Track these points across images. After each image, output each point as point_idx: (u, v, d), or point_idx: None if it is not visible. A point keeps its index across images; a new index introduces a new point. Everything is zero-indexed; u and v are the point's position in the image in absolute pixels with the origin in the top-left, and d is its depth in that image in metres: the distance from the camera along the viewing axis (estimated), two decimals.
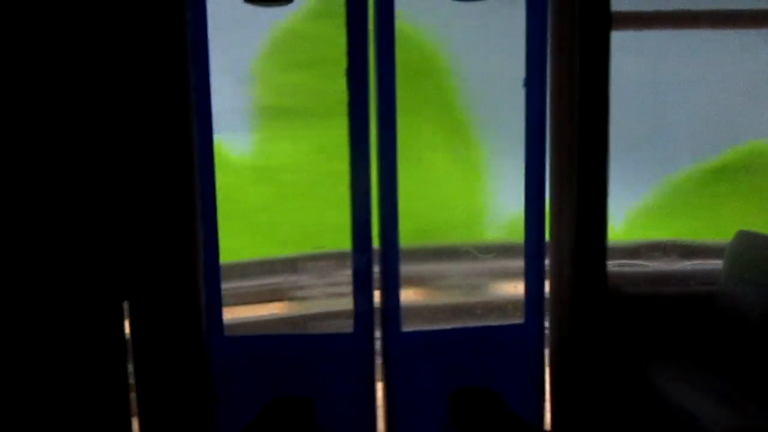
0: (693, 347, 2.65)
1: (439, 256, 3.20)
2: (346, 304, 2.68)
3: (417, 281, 3.08)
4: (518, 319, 2.75)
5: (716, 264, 2.84)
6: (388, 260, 2.62)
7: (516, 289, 2.78)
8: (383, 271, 2.63)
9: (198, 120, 2.47)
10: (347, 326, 2.66)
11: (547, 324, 2.74)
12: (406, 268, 2.68)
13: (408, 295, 2.86)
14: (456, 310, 3.16)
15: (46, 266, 2.25)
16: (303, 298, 3.12)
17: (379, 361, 2.71)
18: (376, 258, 2.64)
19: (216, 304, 2.58)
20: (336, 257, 2.94)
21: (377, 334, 2.69)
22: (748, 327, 2.44)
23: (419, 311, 3.04)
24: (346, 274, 2.68)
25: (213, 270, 2.57)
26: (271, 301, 3.20)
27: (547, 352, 2.74)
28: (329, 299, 3.03)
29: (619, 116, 2.58)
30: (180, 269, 2.43)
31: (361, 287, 2.62)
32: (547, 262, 2.70)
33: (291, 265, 3.12)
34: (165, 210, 2.36)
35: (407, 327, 2.67)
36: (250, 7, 2.57)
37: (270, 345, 2.64)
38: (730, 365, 2.48)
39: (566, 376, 2.61)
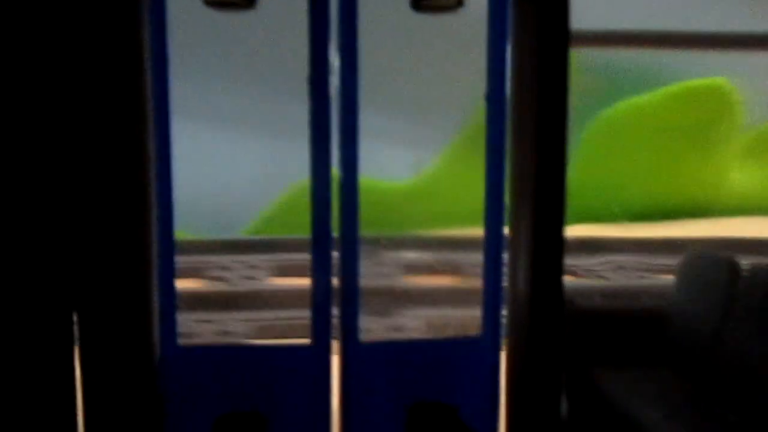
0: (646, 362, 2.70)
1: None
2: None
3: None
4: (476, 333, 2.76)
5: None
6: (347, 271, 2.60)
7: None
8: (342, 283, 2.61)
9: (156, 123, 2.41)
10: (305, 338, 2.63)
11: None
12: None
13: None
14: None
15: None
16: None
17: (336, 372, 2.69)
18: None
19: (170, 313, 2.52)
20: None
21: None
22: (698, 342, 2.50)
23: None
24: None
25: (167, 277, 2.51)
26: None
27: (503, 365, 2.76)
28: None
29: None
30: (133, 276, 2.36)
31: (320, 298, 2.60)
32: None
33: None
34: (117, 214, 2.29)
35: (366, 339, 2.66)
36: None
37: (225, 355, 2.59)
38: (681, 379, 2.54)
39: (521, 390, 2.63)
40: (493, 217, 2.69)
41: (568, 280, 2.63)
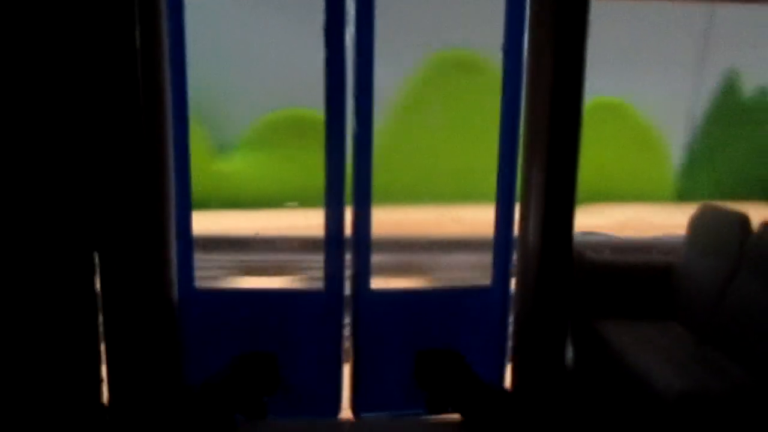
0: (654, 315, 2.73)
1: None
2: None
3: None
4: (486, 282, 2.81)
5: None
6: (360, 220, 2.64)
7: None
8: (355, 231, 2.65)
9: (172, 71, 2.44)
10: (318, 283, 2.69)
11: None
12: None
13: None
14: None
15: (18, 217, 2.23)
16: None
17: (347, 318, 2.76)
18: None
19: (187, 257, 2.59)
20: None
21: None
22: (706, 296, 2.52)
23: None
24: None
25: (184, 222, 2.57)
26: None
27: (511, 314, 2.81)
28: None
29: None
30: (151, 221, 2.42)
31: (333, 246, 2.65)
32: None
33: None
34: (136, 161, 2.34)
35: (377, 286, 2.72)
36: None
37: (240, 299, 2.66)
38: (687, 333, 2.57)
39: (528, 338, 2.68)
40: (505, 169, 2.71)
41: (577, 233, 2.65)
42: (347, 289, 2.70)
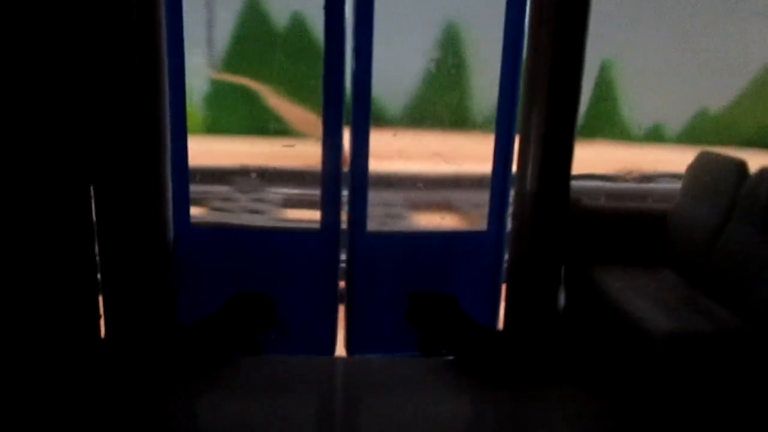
0: (648, 262, 2.74)
1: None
2: None
3: None
4: (481, 227, 2.82)
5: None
6: (358, 161, 2.64)
7: None
8: (353, 173, 2.66)
9: (167, 8, 2.43)
10: (314, 224, 2.70)
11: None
12: None
13: None
14: None
15: (14, 149, 2.24)
16: None
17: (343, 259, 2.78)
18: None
19: (183, 192, 2.60)
20: None
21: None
22: (698, 242, 2.53)
23: None
24: None
25: (181, 157, 2.57)
26: None
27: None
28: None
29: None
30: (147, 155, 2.42)
31: (329, 187, 2.65)
32: None
33: None
34: (132, 93, 2.33)
35: (372, 228, 2.73)
36: None
37: (237, 237, 2.68)
38: (679, 278, 2.59)
39: (522, 282, 2.70)
40: (504, 113, 2.69)
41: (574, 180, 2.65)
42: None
